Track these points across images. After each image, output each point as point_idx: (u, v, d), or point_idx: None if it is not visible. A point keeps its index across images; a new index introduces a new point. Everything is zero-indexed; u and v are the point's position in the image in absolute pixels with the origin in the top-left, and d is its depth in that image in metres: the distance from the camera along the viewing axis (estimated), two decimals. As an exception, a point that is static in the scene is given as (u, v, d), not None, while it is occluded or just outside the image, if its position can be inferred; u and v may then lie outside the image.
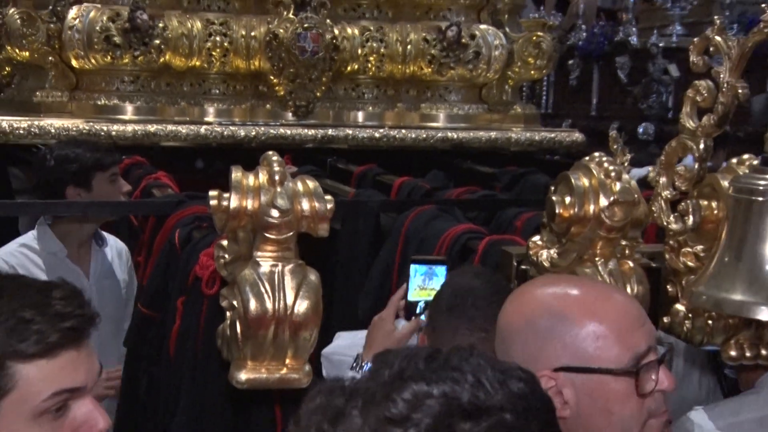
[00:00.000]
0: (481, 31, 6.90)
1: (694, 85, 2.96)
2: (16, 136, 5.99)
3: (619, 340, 1.84)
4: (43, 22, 6.28)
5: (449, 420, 1.02)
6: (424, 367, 1.08)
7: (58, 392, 1.61)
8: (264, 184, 2.58)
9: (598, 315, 1.86)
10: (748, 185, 2.64)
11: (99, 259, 4.31)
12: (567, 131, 7.64)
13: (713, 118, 2.93)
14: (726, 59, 2.87)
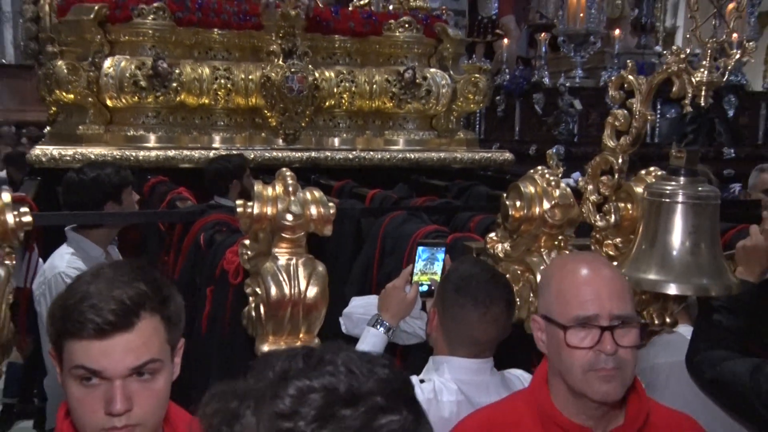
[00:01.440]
0: (431, 73, 6.95)
1: (613, 113, 2.99)
2: (62, 162, 5.95)
3: (572, 303, 1.92)
4: (84, 71, 6.26)
5: (332, 409, 0.99)
6: (303, 365, 1.05)
7: (77, 366, 1.63)
8: (280, 194, 2.58)
9: (566, 281, 1.97)
10: (659, 190, 2.70)
11: (118, 256, 4.26)
12: (499, 152, 7.67)
13: (628, 139, 2.96)
14: (637, 93, 2.90)
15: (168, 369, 1.74)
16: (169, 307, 1.73)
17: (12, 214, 2.49)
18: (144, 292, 1.67)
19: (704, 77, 2.54)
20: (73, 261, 3.92)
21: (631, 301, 1.98)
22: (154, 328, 1.68)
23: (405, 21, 6.96)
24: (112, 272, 1.70)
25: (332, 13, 6.87)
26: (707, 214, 2.64)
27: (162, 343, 1.70)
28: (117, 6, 6.34)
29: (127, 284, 1.66)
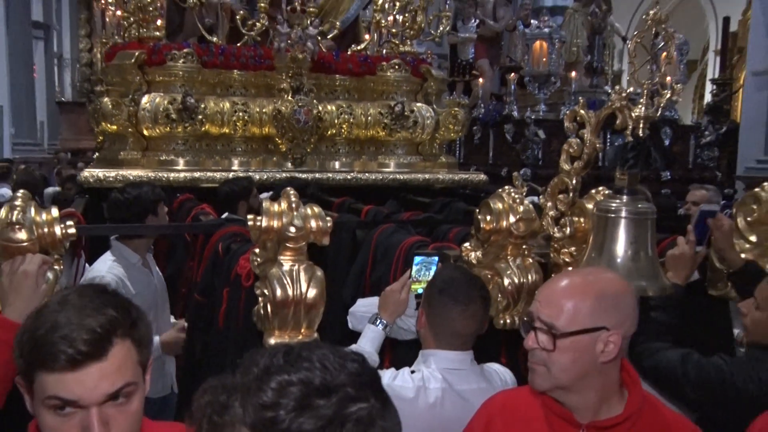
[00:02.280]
0: (418, 107, 6.95)
1: (568, 141, 3.02)
2: (106, 182, 5.97)
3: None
4: (125, 106, 6.29)
5: (308, 400, 1.00)
6: (284, 362, 1.05)
7: (50, 396, 1.47)
8: (285, 210, 2.58)
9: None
10: (605, 206, 2.75)
11: (153, 263, 4.26)
12: (475, 174, 7.67)
13: (580, 163, 2.97)
14: (588, 125, 2.92)
15: (141, 389, 1.58)
16: (139, 330, 1.57)
17: (59, 227, 2.49)
18: (114, 317, 1.51)
19: (642, 112, 2.58)
20: (114, 267, 3.94)
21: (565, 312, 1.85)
22: (127, 353, 1.52)
23: (395, 63, 6.98)
24: (78, 299, 1.53)
25: (333, 56, 6.87)
26: (645, 226, 2.68)
27: (135, 366, 1.55)
28: (153, 52, 6.37)
29: (97, 311, 1.50)
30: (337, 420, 0.99)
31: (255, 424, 1.00)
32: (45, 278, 2.30)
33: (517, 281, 2.91)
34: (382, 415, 1.04)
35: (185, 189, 6.06)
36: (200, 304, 3.98)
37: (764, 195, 2.94)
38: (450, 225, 4.39)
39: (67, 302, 1.52)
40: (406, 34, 7.29)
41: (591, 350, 1.83)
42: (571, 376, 1.85)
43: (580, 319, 1.83)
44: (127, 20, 6.93)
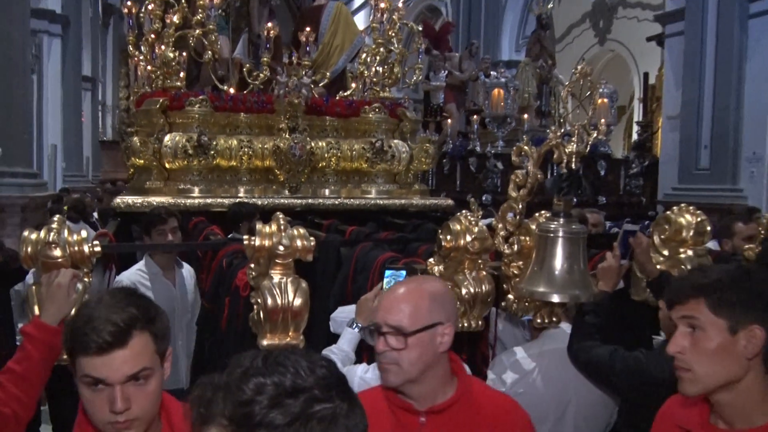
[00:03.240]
0: (395, 143, 6.90)
1: (515, 173, 2.97)
2: (135, 208, 5.94)
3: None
4: (151, 144, 6.24)
5: (279, 399, 1.00)
6: (262, 365, 1.05)
7: (85, 375, 1.58)
8: (275, 231, 2.53)
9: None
10: (546, 227, 2.71)
11: (179, 276, 4.23)
12: (444, 199, 7.64)
13: (525, 191, 2.93)
14: (531, 159, 2.87)
15: (159, 373, 1.66)
16: (156, 325, 1.66)
17: (87, 246, 2.50)
18: (134, 315, 1.61)
19: (573, 149, 2.53)
20: (133, 274, 4.09)
21: (409, 314, 1.86)
22: (145, 343, 1.62)
23: (376, 106, 6.94)
24: (110, 299, 1.66)
25: (324, 101, 6.84)
26: (578, 244, 2.66)
27: (152, 354, 1.63)
28: (174, 99, 6.34)
29: (122, 309, 1.61)
30: (303, 417, 1.00)
31: (233, 417, 1.01)
32: (75, 289, 2.36)
33: (472, 291, 2.85)
34: (346, 414, 1.04)
35: (199, 213, 6.00)
36: (208, 310, 3.94)
37: (673, 217, 2.93)
38: (419, 243, 4.34)
39: (102, 301, 1.65)
40: (386, 82, 7.27)
41: (433, 343, 1.86)
42: (419, 369, 1.85)
43: (422, 318, 1.85)
44: (154, 73, 6.90)
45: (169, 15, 6.68)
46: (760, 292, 1.60)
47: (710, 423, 1.68)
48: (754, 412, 1.60)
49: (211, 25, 6.41)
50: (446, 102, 14.05)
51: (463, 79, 14.13)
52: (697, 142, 10.81)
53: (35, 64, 13.12)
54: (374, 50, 7.15)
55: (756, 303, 1.59)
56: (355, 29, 8.00)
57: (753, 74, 10.24)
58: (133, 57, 7.76)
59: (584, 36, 20.10)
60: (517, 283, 2.91)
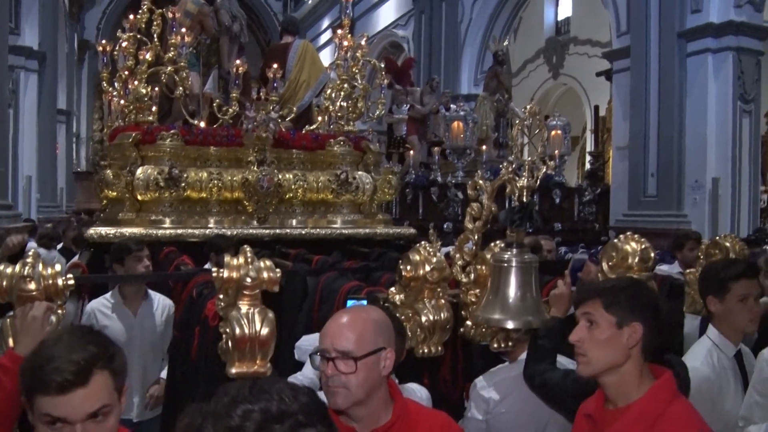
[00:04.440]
0: (359, 175, 6.93)
1: (470, 206, 3.00)
2: (108, 238, 5.84)
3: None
4: (124, 176, 6.20)
5: (266, 424, 1.02)
6: (249, 393, 1.07)
7: (44, 414, 1.55)
8: (242, 264, 2.52)
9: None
10: (500, 257, 2.72)
11: (144, 306, 4.15)
12: (406, 228, 7.66)
13: (480, 223, 2.97)
14: (485, 192, 2.91)
15: (117, 409, 1.64)
16: (115, 362, 1.64)
17: (61, 279, 2.46)
18: (95, 353, 1.59)
19: (524, 183, 2.56)
20: (97, 302, 4.08)
21: (355, 339, 1.89)
22: (105, 381, 1.59)
23: (341, 140, 6.98)
24: (68, 337, 1.63)
25: (291, 135, 6.85)
26: (530, 273, 2.67)
27: (111, 391, 1.61)
28: (147, 133, 6.30)
29: (81, 347, 1.58)
30: None
31: None
32: (49, 321, 2.32)
33: (432, 318, 2.86)
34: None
35: (170, 243, 5.93)
36: (179, 338, 3.89)
37: (620, 245, 2.97)
38: (382, 272, 4.34)
39: (60, 340, 1.61)
40: (350, 116, 7.29)
41: (377, 367, 1.90)
42: (365, 391, 1.88)
43: (368, 343, 1.89)
44: (127, 108, 6.88)
45: (141, 52, 6.68)
46: (642, 297, 1.98)
47: (604, 407, 2.00)
48: (631, 391, 1.93)
49: (182, 62, 6.40)
50: (408, 134, 14.12)
51: (424, 113, 14.23)
52: (645, 171, 11.03)
53: (12, 98, 13.02)
54: (339, 86, 7.19)
55: (638, 305, 1.95)
56: (321, 66, 8.04)
57: (692, 108, 10.52)
58: (106, 92, 7.72)
59: (539, 71, 20.46)
60: (474, 310, 2.92)
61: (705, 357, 2.84)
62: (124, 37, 6.84)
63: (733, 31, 10.23)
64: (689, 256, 5.56)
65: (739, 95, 10.34)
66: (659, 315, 1.97)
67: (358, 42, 7.30)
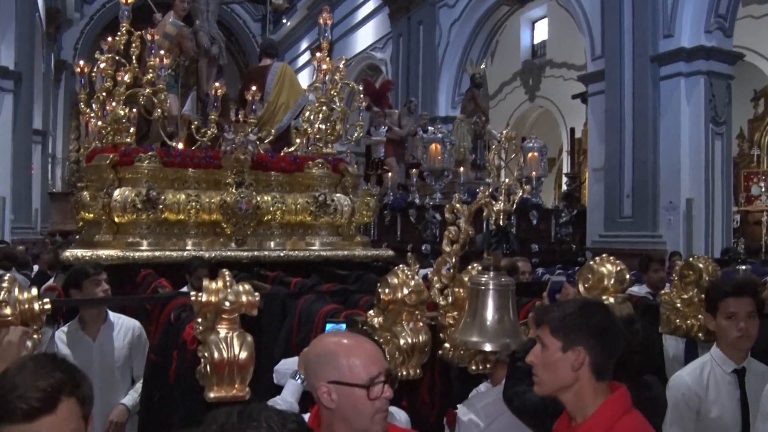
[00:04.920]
0: (337, 197, 6.93)
1: (448, 229, 3.02)
2: (84, 260, 5.72)
3: (360, 368, 1.83)
4: (101, 198, 6.16)
5: None
6: (237, 420, 1.08)
7: None
8: (221, 287, 2.52)
9: (352, 353, 1.87)
10: (477, 280, 2.76)
11: (103, 332, 4.03)
12: (384, 250, 7.66)
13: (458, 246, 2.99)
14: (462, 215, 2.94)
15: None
16: (82, 389, 1.61)
17: (37, 303, 2.45)
18: (62, 379, 1.56)
19: (501, 207, 2.59)
20: (60, 332, 3.98)
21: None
22: (72, 408, 1.56)
23: (319, 162, 6.99)
24: (33, 365, 1.59)
25: (269, 157, 6.86)
26: (507, 296, 2.70)
27: (78, 419, 1.58)
28: (124, 155, 6.27)
29: (47, 374, 1.55)
30: None
31: None
32: (25, 346, 2.30)
33: (410, 341, 2.87)
34: None
35: (147, 265, 5.88)
36: (156, 362, 3.85)
37: (596, 267, 3.01)
38: (361, 294, 4.34)
39: (25, 367, 1.57)
40: (328, 139, 7.34)
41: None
42: None
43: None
44: (105, 129, 6.84)
45: (120, 73, 6.66)
46: (588, 321, 2.02)
47: (569, 424, 2.09)
48: (588, 407, 2.02)
49: (161, 84, 6.40)
50: (387, 156, 14.16)
51: (402, 135, 14.29)
52: (620, 193, 11.17)
53: (-14, 118, 12.94)
54: (317, 108, 7.23)
55: (583, 330, 2.01)
56: (299, 88, 8.07)
57: (666, 130, 10.71)
58: (84, 113, 7.68)
59: (515, 93, 20.68)
60: (452, 332, 2.94)
61: (693, 369, 2.99)
62: (103, 59, 6.83)
63: (704, 56, 10.46)
64: (655, 278, 5.66)
65: (710, 118, 10.54)
66: (609, 337, 2.03)
67: (337, 65, 7.36)
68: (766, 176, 15.08)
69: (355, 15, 21.37)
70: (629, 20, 11.09)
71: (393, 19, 18.61)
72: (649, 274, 5.77)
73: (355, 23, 21.38)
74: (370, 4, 20.42)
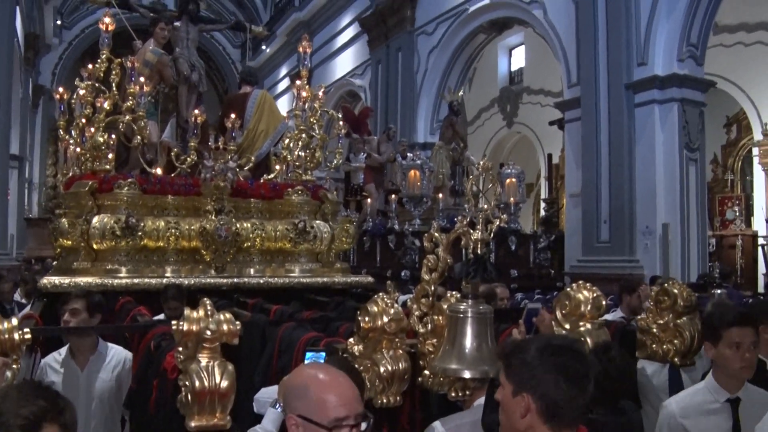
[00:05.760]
0: (317, 224, 6.94)
1: (426, 258, 3.07)
2: (62, 288, 5.71)
3: (329, 408, 1.74)
4: (79, 225, 6.12)
5: None
6: None
7: None
8: (202, 316, 2.53)
9: (324, 390, 1.79)
10: (456, 308, 2.80)
11: (93, 362, 4.01)
12: (364, 276, 7.66)
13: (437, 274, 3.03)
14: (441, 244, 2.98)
15: None
16: (65, 416, 1.63)
17: (17, 333, 2.45)
18: (44, 407, 1.58)
19: (478, 236, 2.64)
20: (50, 357, 3.98)
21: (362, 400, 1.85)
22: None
23: (299, 189, 7.00)
24: (16, 393, 1.62)
25: (249, 184, 6.88)
26: (485, 323, 2.74)
27: None
28: (103, 181, 6.26)
29: (30, 402, 1.58)
30: None
31: None
32: (5, 377, 2.30)
33: (390, 369, 2.90)
34: None
35: (126, 293, 5.85)
36: (136, 391, 3.83)
37: (573, 294, 3.05)
38: (341, 322, 4.34)
39: (7, 396, 1.59)
40: (308, 166, 7.36)
41: None
42: None
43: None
44: (83, 155, 6.82)
45: (99, 100, 6.65)
46: (539, 368, 1.92)
47: None
48: None
49: (140, 112, 6.42)
50: (366, 182, 14.23)
51: (381, 161, 14.38)
52: (598, 218, 11.30)
53: (-37, 144, 12.84)
54: (297, 136, 7.27)
55: (532, 377, 1.93)
56: (279, 115, 8.12)
57: (641, 156, 10.88)
58: (63, 140, 7.66)
59: (493, 119, 20.88)
60: (431, 360, 2.96)
61: (683, 397, 2.98)
62: (82, 86, 6.83)
63: (677, 84, 10.68)
64: (635, 303, 5.72)
65: (684, 144, 10.73)
66: (569, 380, 1.91)
67: (316, 93, 7.42)
68: (740, 200, 15.33)
69: (335, 42, 21.55)
70: (604, 49, 11.30)
71: (372, 46, 18.78)
72: (632, 298, 5.83)
73: (335, 50, 21.55)
74: (350, 31, 20.61)
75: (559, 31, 12.54)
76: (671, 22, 10.69)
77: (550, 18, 12.80)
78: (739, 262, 14.54)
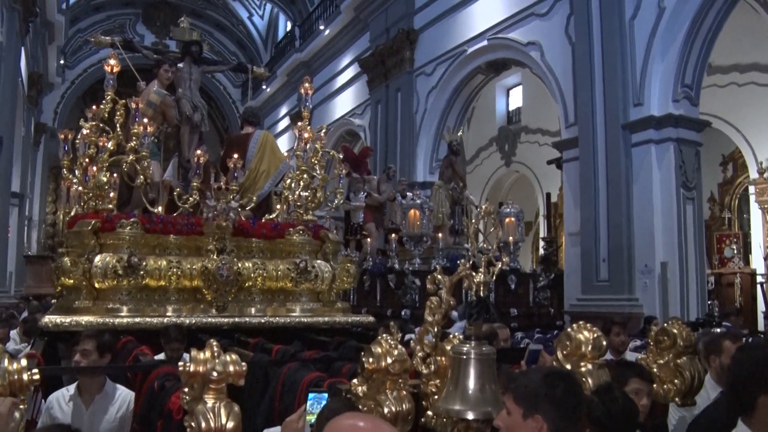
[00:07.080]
0: (318, 264, 6.97)
1: (429, 300, 3.09)
2: (63, 327, 5.78)
3: None
4: (81, 264, 6.14)
5: None
6: None
7: None
8: (209, 357, 2.55)
9: None
10: (459, 349, 2.79)
11: (98, 401, 3.98)
12: (365, 316, 7.66)
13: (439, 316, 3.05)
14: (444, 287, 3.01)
15: None
16: None
17: (26, 374, 2.43)
18: None
19: (481, 278, 2.67)
20: (59, 392, 3.97)
21: None
22: None
23: (300, 229, 7.05)
24: None
25: (251, 223, 6.91)
26: (488, 364, 2.74)
27: None
28: (106, 221, 6.30)
29: None
30: None
31: None
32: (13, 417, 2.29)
33: (394, 410, 2.90)
34: None
35: (128, 332, 5.85)
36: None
37: (573, 334, 3.06)
38: (343, 362, 4.35)
39: None
40: (309, 206, 7.40)
41: None
42: None
43: None
44: (86, 195, 6.87)
45: (102, 140, 6.72)
46: (546, 392, 2.09)
47: None
48: None
49: (144, 152, 6.49)
50: (366, 221, 14.27)
51: (381, 201, 14.44)
52: (596, 257, 11.32)
53: (-36, 182, 12.91)
54: (298, 176, 7.33)
55: (542, 400, 2.09)
56: (281, 155, 8.20)
57: (639, 195, 10.96)
58: (66, 179, 7.72)
59: (492, 158, 21.00)
60: (435, 401, 2.97)
61: None
62: (87, 126, 6.91)
63: (673, 124, 10.80)
64: (616, 341, 5.74)
65: (681, 183, 10.82)
66: (570, 404, 2.12)
67: (318, 134, 7.50)
68: (738, 238, 15.38)
69: (335, 82, 21.79)
70: (600, 89, 11.45)
71: (371, 86, 18.99)
72: (611, 338, 5.84)
73: (334, 90, 21.78)
74: (349, 72, 20.85)
75: (557, 72, 12.71)
76: (666, 63, 10.85)
77: (547, 59, 12.98)
78: (738, 300, 14.53)
